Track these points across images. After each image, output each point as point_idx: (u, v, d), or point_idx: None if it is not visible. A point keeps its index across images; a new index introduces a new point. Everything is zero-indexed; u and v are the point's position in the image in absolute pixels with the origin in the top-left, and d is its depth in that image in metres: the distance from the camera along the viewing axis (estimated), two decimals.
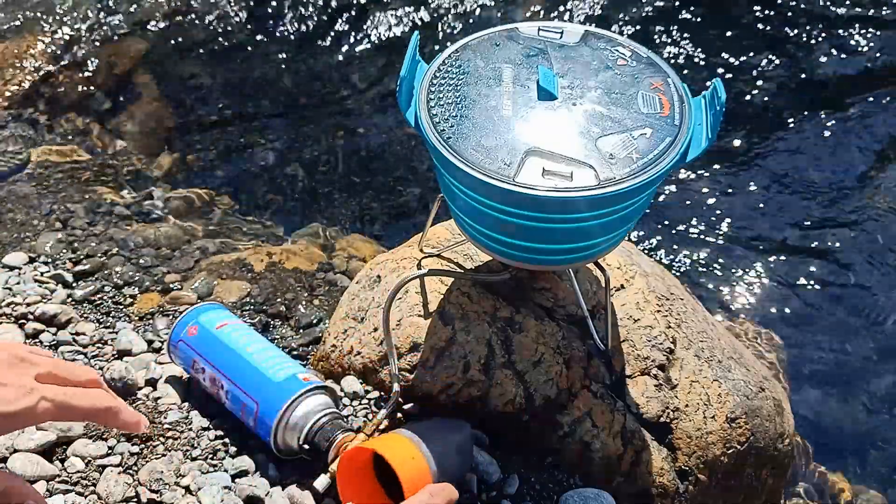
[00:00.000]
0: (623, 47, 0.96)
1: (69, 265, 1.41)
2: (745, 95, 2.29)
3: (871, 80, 2.33)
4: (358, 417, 1.04)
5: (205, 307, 1.08)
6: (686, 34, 2.44)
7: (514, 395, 1.02)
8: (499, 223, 0.88)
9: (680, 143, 0.84)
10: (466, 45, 0.96)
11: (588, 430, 1.03)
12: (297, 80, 2.35)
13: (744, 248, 1.92)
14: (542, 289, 1.12)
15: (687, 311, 1.21)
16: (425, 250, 1.19)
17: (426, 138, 0.85)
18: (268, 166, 2.07)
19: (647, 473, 1.04)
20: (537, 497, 0.99)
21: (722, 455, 1.09)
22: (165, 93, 2.26)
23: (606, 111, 0.87)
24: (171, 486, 0.90)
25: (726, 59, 2.38)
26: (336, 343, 1.14)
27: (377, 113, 2.25)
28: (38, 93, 2.15)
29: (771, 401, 1.22)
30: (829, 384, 1.67)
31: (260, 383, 0.95)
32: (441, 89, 0.89)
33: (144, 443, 0.96)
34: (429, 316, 1.07)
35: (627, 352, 1.09)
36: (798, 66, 2.36)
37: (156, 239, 1.58)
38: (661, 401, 1.07)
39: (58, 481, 0.89)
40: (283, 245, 1.67)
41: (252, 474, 0.94)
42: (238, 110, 2.24)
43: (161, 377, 1.08)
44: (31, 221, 1.58)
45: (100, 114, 2.15)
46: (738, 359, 1.23)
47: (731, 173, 2.08)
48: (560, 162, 0.82)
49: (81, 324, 1.23)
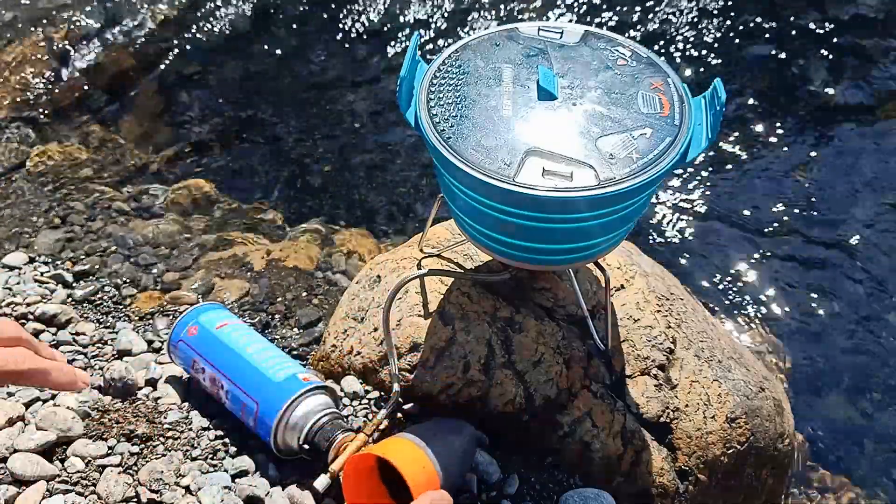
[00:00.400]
0: (623, 47, 0.95)
1: (69, 265, 1.41)
2: (745, 95, 2.28)
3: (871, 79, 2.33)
4: (358, 417, 1.04)
5: (205, 307, 1.08)
6: (686, 34, 2.44)
7: (514, 395, 1.02)
8: (499, 223, 0.88)
9: (680, 143, 0.84)
10: (466, 45, 0.96)
11: (588, 430, 1.03)
12: (296, 79, 2.35)
13: (744, 248, 1.91)
14: (542, 289, 1.12)
15: (687, 311, 1.21)
16: (425, 250, 1.19)
17: (426, 138, 0.85)
18: (267, 164, 2.07)
19: (647, 473, 1.05)
20: (537, 497, 0.99)
21: (722, 455, 1.09)
22: (164, 91, 2.26)
23: (606, 111, 0.87)
24: (171, 486, 0.90)
25: (726, 59, 2.38)
26: (336, 343, 1.14)
27: (377, 113, 2.25)
28: (38, 92, 2.15)
29: (771, 401, 1.22)
30: (830, 384, 1.67)
31: (260, 383, 0.95)
32: (441, 89, 0.89)
33: (144, 443, 0.96)
34: (429, 316, 1.07)
35: (627, 352, 1.09)
36: (798, 66, 2.36)
37: (155, 236, 1.58)
38: (661, 401, 1.07)
39: (58, 481, 0.89)
40: (283, 243, 1.67)
41: (252, 474, 0.94)
42: (237, 108, 2.24)
43: (161, 377, 1.08)
44: (31, 219, 1.58)
45: (99, 112, 2.15)
46: (738, 359, 1.23)
47: (731, 173, 2.08)
48: (560, 162, 0.82)
49: (81, 324, 1.23)
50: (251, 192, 1.98)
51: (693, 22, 2.50)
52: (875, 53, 2.41)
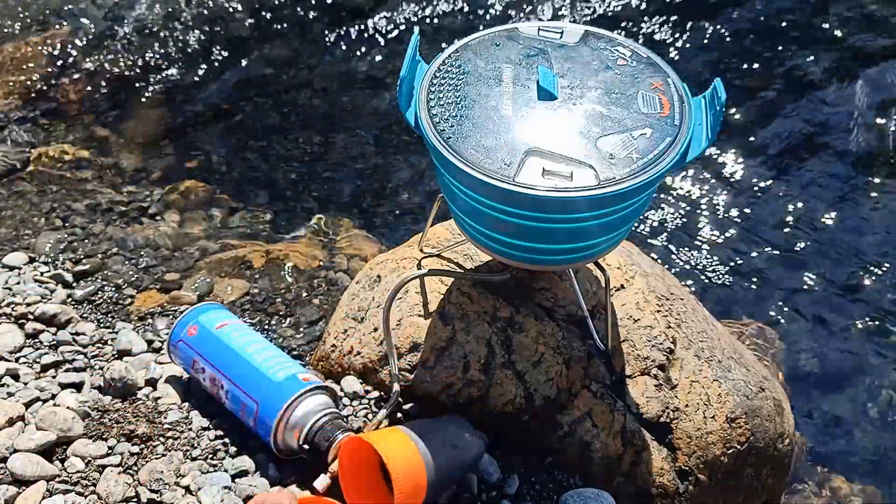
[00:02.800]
0: (623, 47, 0.95)
1: (69, 265, 1.41)
2: (745, 95, 2.28)
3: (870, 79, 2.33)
4: (358, 417, 1.04)
5: (205, 307, 1.07)
6: (686, 34, 2.44)
7: (514, 395, 1.02)
8: (499, 223, 0.88)
9: (680, 143, 0.84)
10: (466, 45, 0.96)
11: (588, 430, 1.03)
12: (296, 80, 2.35)
13: (744, 247, 1.91)
14: (542, 289, 1.12)
15: (687, 311, 1.21)
16: (425, 250, 1.19)
17: (426, 138, 0.85)
18: (267, 165, 2.07)
19: (647, 473, 1.04)
20: (537, 497, 0.99)
21: (722, 455, 1.09)
22: (165, 93, 2.26)
23: (606, 111, 0.87)
24: (171, 486, 0.90)
25: (726, 59, 2.38)
26: (336, 343, 1.14)
27: (377, 112, 2.25)
28: (39, 93, 2.15)
29: (771, 401, 1.22)
30: (830, 384, 1.67)
31: (260, 383, 0.95)
32: (441, 89, 0.89)
33: (144, 443, 0.96)
34: (429, 316, 1.07)
35: (627, 352, 1.09)
36: (799, 66, 2.36)
37: (155, 238, 1.58)
38: (661, 401, 1.07)
39: (58, 481, 0.89)
40: (283, 244, 1.67)
41: (252, 474, 0.94)
42: (238, 110, 2.24)
43: (161, 377, 1.08)
44: (32, 219, 1.58)
45: (100, 113, 2.15)
46: (738, 359, 1.23)
47: (731, 173, 2.08)
48: (560, 162, 0.82)
49: (81, 324, 1.23)
50: (251, 193, 1.98)
51: (693, 22, 2.50)
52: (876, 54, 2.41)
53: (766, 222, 1.98)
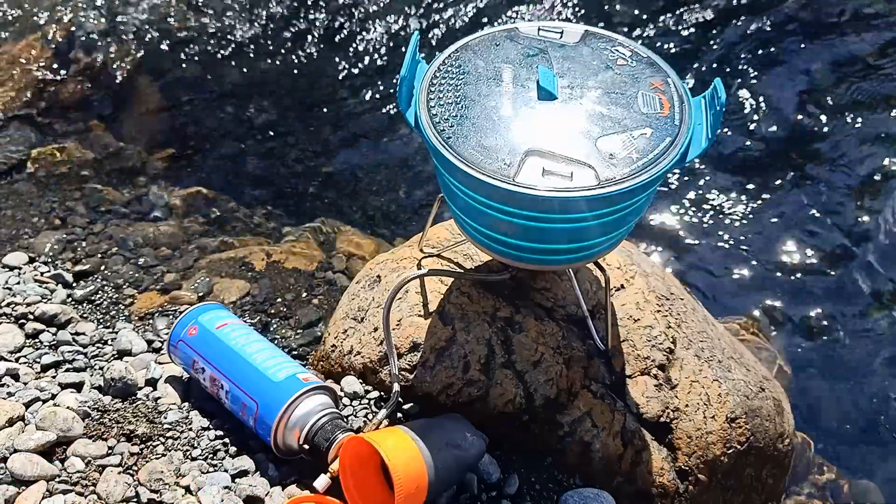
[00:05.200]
0: (623, 47, 0.95)
1: (69, 265, 1.41)
2: (745, 95, 2.28)
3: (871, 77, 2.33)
4: (358, 417, 1.04)
5: (205, 307, 1.07)
6: (686, 34, 2.44)
7: (514, 395, 1.02)
8: (499, 223, 0.88)
9: (680, 143, 0.84)
10: (466, 45, 0.96)
11: (588, 430, 1.03)
12: (296, 80, 2.35)
13: (744, 247, 1.91)
14: (542, 289, 1.12)
15: (687, 311, 1.21)
16: (425, 250, 1.19)
17: (426, 138, 0.85)
18: (267, 165, 2.07)
19: (647, 473, 1.05)
20: (537, 497, 0.99)
21: (722, 455, 1.09)
22: (165, 92, 2.26)
23: (606, 111, 0.87)
24: (171, 486, 0.90)
25: (726, 60, 2.38)
26: (336, 343, 1.14)
27: (377, 112, 2.26)
28: (39, 92, 2.15)
29: (771, 401, 1.22)
30: (830, 383, 1.67)
31: (260, 383, 0.95)
32: (441, 89, 0.89)
33: (144, 443, 0.96)
34: (429, 316, 1.07)
35: (627, 352, 1.09)
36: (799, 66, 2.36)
37: (155, 238, 1.58)
38: (661, 401, 1.07)
39: (58, 481, 0.89)
40: (283, 244, 1.67)
41: (252, 474, 0.94)
42: (237, 110, 2.24)
43: (161, 377, 1.08)
44: (31, 219, 1.58)
45: (99, 113, 2.15)
46: (738, 359, 1.23)
47: (731, 173, 2.08)
48: (560, 162, 0.82)
49: (81, 324, 1.23)
50: (251, 193, 1.98)
51: (693, 22, 2.50)
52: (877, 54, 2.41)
53: (766, 222, 1.98)
